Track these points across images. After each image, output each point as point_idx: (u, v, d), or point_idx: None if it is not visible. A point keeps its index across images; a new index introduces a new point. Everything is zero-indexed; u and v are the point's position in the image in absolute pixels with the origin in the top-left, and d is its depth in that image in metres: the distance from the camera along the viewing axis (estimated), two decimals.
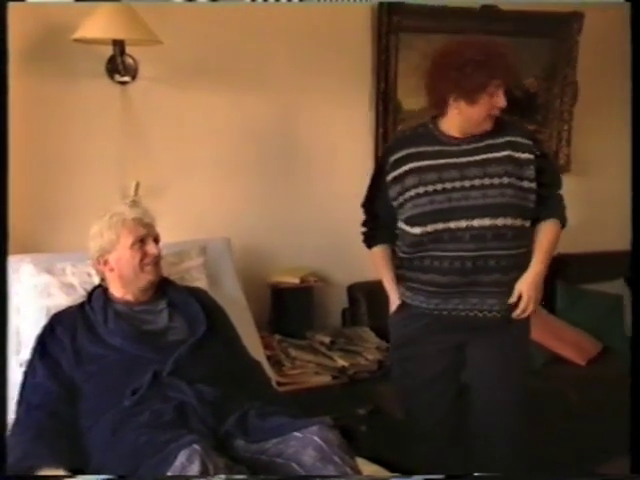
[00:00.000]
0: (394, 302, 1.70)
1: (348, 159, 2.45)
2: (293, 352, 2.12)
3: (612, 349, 2.50)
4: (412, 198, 1.57)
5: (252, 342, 1.81)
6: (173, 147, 2.16)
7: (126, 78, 2.04)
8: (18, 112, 1.90)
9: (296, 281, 2.26)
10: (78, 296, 1.63)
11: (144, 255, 1.52)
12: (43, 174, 2.01)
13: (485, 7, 2.51)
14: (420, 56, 2.45)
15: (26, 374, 1.45)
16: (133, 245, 1.51)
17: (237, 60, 2.20)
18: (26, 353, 1.51)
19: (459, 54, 1.52)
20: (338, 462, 1.12)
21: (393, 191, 1.62)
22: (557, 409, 2.28)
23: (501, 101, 1.54)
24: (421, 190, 1.57)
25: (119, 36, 1.80)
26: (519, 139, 1.58)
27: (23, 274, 1.69)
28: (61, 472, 1.20)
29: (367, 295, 2.37)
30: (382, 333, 2.28)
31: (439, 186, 1.56)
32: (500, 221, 1.54)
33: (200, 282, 1.84)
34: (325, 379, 2.04)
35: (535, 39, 2.66)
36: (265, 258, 2.32)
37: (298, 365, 2.07)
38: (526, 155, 1.57)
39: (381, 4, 2.34)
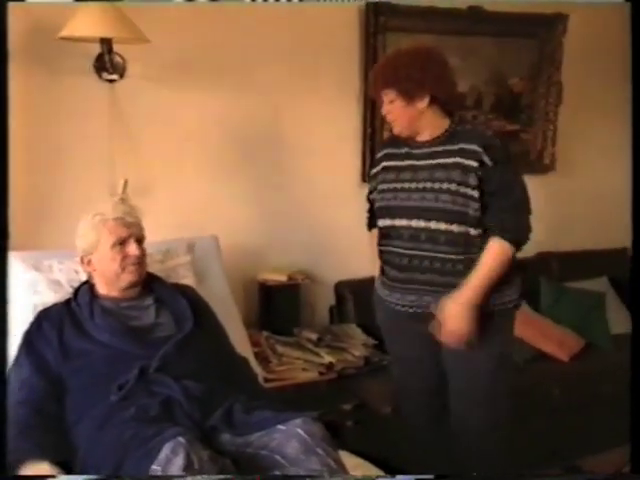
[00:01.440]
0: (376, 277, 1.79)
1: (336, 158, 2.47)
2: (280, 348, 2.14)
3: (595, 346, 2.54)
4: (377, 193, 1.71)
5: (239, 339, 1.82)
6: (161, 145, 2.17)
7: (114, 76, 2.04)
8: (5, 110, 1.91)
9: (284, 279, 2.28)
10: (65, 293, 1.64)
11: (125, 256, 1.52)
12: (31, 172, 2.01)
13: (472, 8, 2.54)
14: None
15: (12, 370, 1.44)
16: (114, 246, 1.51)
17: (225, 59, 2.21)
18: (13, 349, 1.51)
19: None
20: (321, 454, 1.14)
21: (371, 186, 1.78)
22: (540, 404, 2.32)
23: (383, 111, 1.63)
24: (379, 187, 1.70)
25: (106, 34, 1.80)
26: (470, 146, 1.57)
27: (10, 271, 1.69)
28: (46, 466, 1.21)
29: (354, 292, 2.40)
30: (369, 330, 2.31)
31: (392, 185, 1.67)
32: (433, 224, 1.58)
33: (187, 280, 1.85)
34: (312, 375, 2.05)
35: (520, 40, 2.69)
36: (253, 256, 2.33)
37: (285, 361, 2.08)
38: (470, 162, 1.55)
39: (368, 4, 2.36)
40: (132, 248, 1.52)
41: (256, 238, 2.35)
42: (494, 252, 1.57)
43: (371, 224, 1.84)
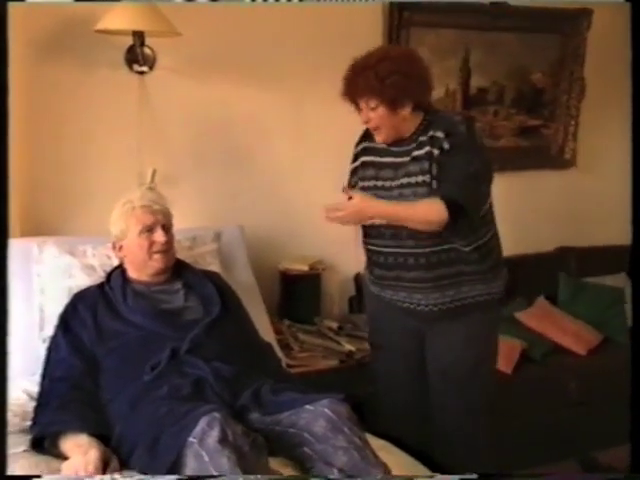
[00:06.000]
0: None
1: None
2: (302, 336, 2.18)
3: (613, 340, 2.55)
4: (358, 190, 1.63)
5: (263, 325, 1.87)
6: (189, 136, 2.22)
7: (144, 68, 2.09)
8: (39, 101, 1.97)
9: (305, 268, 2.31)
10: (98, 277, 1.69)
11: (152, 243, 1.56)
12: (66, 161, 2.07)
13: (495, 3, 2.55)
14: (430, 51, 2.53)
15: (50, 350, 1.51)
16: (141, 233, 1.56)
17: (252, 53, 2.25)
18: (49, 330, 1.58)
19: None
20: (347, 432, 1.18)
21: (352, 180, 1.71)
22: (557, 398, 2.34)
23: (362, 118, 1.57)
24: (360, 185, 1.65)
25: (140, 27, 1.86)
26: (437, 133, 1.52)
27: (46, 255, 1.76)
28: (84, 437, 1.26)
29: None
30: None
31: (372, 183, 1.63)
32: None
33: (213, 266, 1.89)
34: (333, 363, 2.09)
35: (544, 35, 2.70)
36: (276, 245, 2.38)
37: (307, 349, 2.13)
38: (435, 150, 1.51)
39: None
40: (158, 235, 1.56)
41: (279, 228, 2.39)
42: (428, 205, 1.49)
43: None
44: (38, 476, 1.20)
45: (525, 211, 2.74)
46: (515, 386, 2.26)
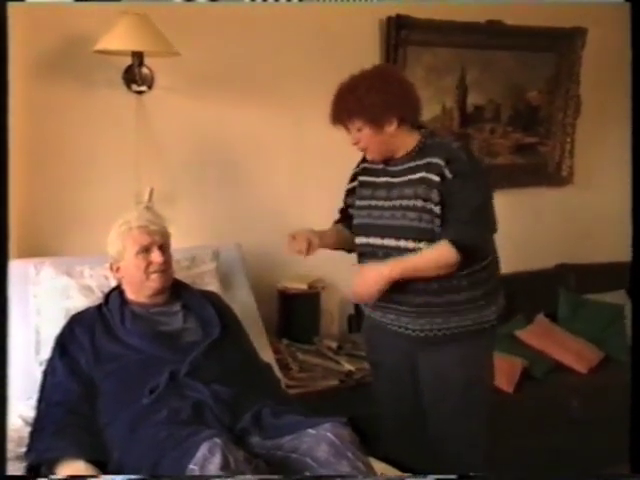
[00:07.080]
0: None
1: None
2: (301, 356, 2.16)
3: (613, 358, 2.54)
4: (355, 210, 1.69)
5: (262, 345, 1.85)
6: (187, 155, 2.22)
7: (142, 88, 2.10)
8: (37, 120, 1.97)
9: (304, 287, 2.30)
10: (96, 298, 1.68)
11: (149, 263, 1.55)
12: (63, 180, 2.06)
13: (491, 22, 2.58)
14: (427, 69, 2.55)
15: (46, 373, 1.49)
16: (138, 254, 1.55)
17: (250, 72, 2.26)
18: (46, 352, 1.56)
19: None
20: (351, 457, 1.16)
21: (349, 200, 1.76)
22: (559, 416, 2.33)
23: (352, 140, 1.58)
24: (357, 204, 1.68)
25: (139, 48, 1.86)
26: (435, 159, 1.52)
27: (43, 276, 1.74)
28: (81, 464, 1.24)
29: None
30: None
31: (366, 202, 1.65)
32: (402, 243, 1.54)
33: (212, 286, 1.88)
34: (332, 383, 2.07)
35: (539, 53, 2.73)
36: (274, 264, 2.36)
37: (306, 368, 2.11)
38: (433, 177, 1.50)
39: (389, 18, 2.41)
40: (155, 255, 1.55)
41: (277, 246, 2.37)
42: (437, 250, 1.49)
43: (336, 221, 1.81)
44: (39, 476, 1.19)
45: (524, 228, 2.75)
46: (516, 404, 2.25)
